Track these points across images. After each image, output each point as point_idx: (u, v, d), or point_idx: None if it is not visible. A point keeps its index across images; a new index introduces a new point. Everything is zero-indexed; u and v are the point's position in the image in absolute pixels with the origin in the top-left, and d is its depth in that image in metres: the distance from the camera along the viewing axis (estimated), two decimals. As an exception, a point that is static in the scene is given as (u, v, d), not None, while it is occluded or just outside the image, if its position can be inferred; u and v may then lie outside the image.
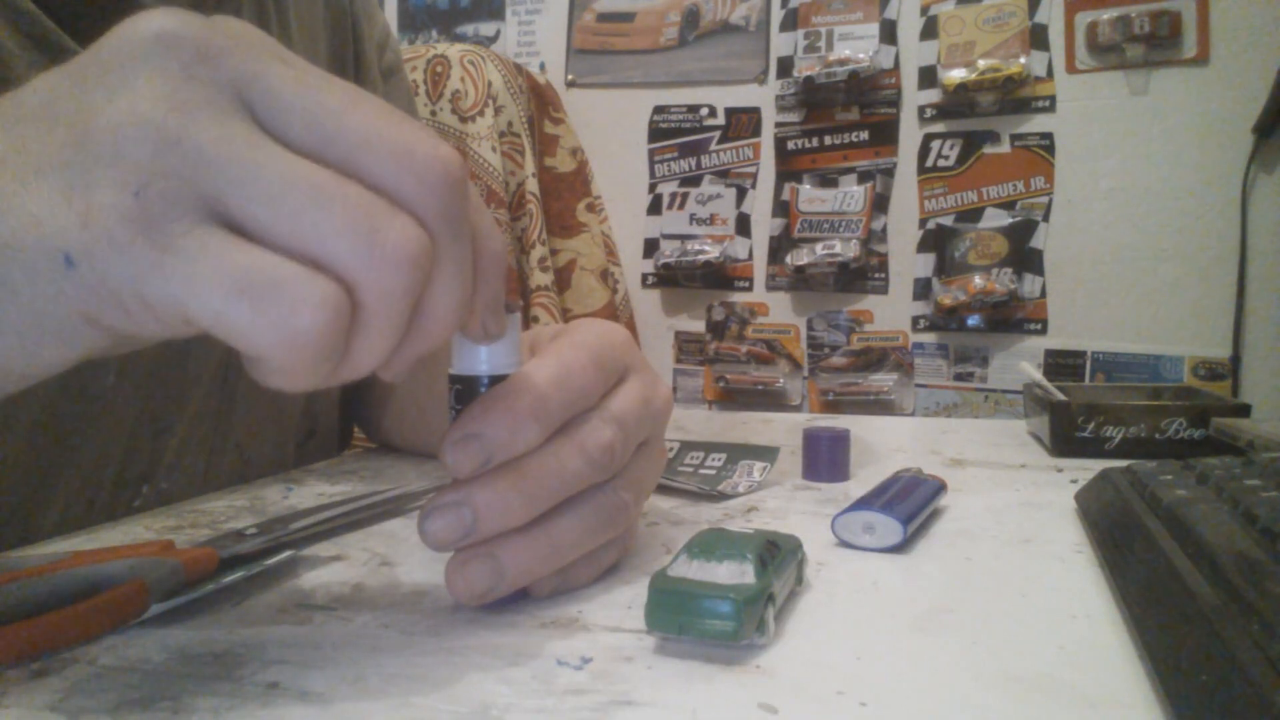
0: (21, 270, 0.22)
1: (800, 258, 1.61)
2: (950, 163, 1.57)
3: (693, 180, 1.71)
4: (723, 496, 0.50)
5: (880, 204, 1.61)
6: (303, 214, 0.22)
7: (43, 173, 0.22)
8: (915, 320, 1.61)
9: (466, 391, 0.32)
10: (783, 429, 0.75)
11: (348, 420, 0.70)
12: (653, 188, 1.73)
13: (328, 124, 0.23)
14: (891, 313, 1.62)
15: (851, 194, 1.61)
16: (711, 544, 0.31)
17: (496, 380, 0.32)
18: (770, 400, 1.67)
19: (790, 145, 1.65)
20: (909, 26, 1.59)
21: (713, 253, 1.66)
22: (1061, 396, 0.68)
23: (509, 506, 0.30)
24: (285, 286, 0.22)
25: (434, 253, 0.24)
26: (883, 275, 1.62)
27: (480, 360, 0.32)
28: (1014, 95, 1.52)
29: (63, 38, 0.42)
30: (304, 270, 0.22)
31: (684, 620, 0.28)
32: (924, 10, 1.58)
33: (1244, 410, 0.60)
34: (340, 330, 0.23)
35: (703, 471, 0.53)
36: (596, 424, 0.33)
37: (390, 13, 1.88)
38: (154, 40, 0.22)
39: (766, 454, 0.54)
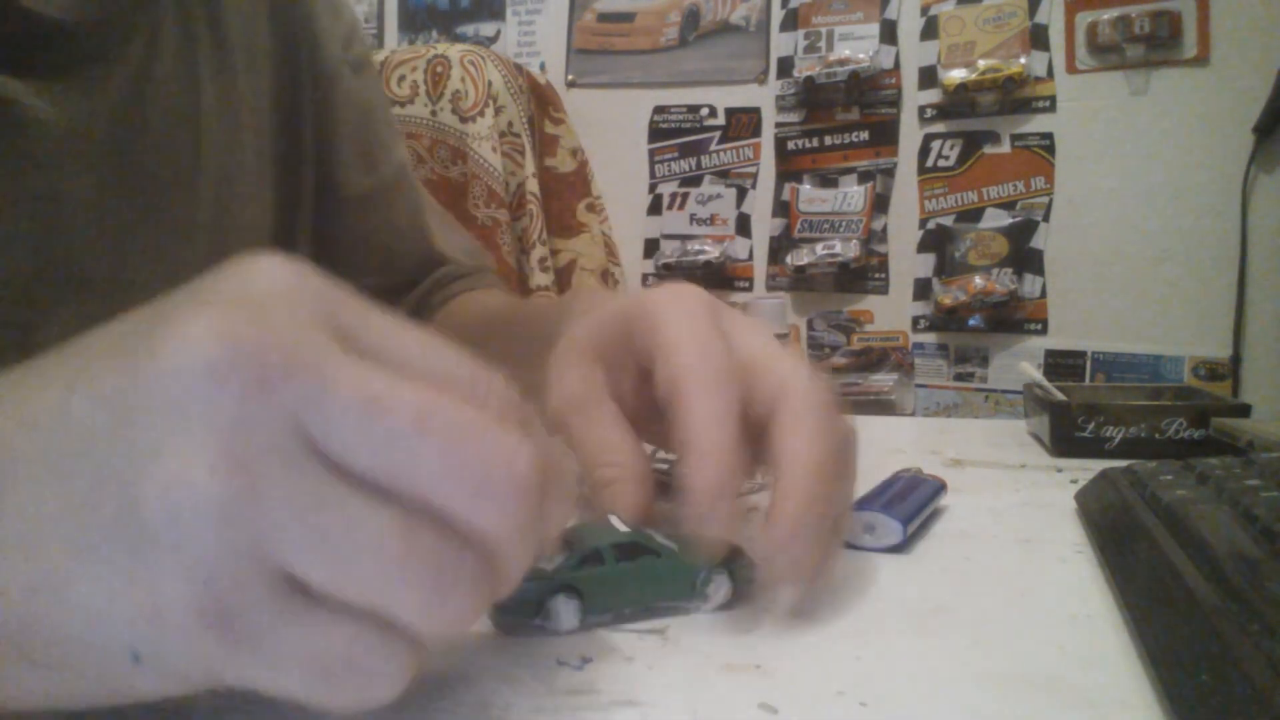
0: (90, 662, 0.21)
1: (800, 258, 1.61)
2: (950, 163, 1.57)
3: (693, 180, 1.71)
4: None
5: (880, 204, 1.61)
6: (372, 579, 0.21)
7: (96, 549, 0.20)
8: (915, 320, 1.61)
9: None
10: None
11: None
12: (653, 188, 1.73)
13: (397, 454, 0.22)
14: (891, 313, 1.62)
15: (851, 194, 1.61)
16: (579, 535, 0.32)
17: None
18: (770, 400, 1.66)
19: (790, 145, 1.65)
20: (909, 26, 1.59)
21: (713, 253, 1.66)
22: (1061, 396, 0.67)
23: None
24: (363, 665, 0.21)
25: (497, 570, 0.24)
26: (883, 275, 1.62)
27: None
28: (1014, 95, 1.52)
29: None
30: (380, 642, 0.22)
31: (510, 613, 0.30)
32: (924, 10, 1.58)
33: (1244, 410, 0.60)
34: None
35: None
36: None
37: (390, 13, 1.88)
38: (203, 376, 0.20)
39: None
